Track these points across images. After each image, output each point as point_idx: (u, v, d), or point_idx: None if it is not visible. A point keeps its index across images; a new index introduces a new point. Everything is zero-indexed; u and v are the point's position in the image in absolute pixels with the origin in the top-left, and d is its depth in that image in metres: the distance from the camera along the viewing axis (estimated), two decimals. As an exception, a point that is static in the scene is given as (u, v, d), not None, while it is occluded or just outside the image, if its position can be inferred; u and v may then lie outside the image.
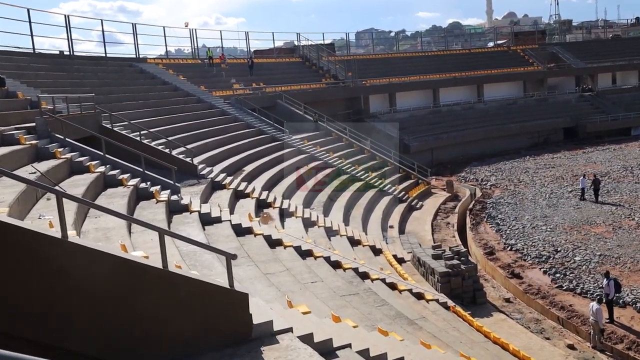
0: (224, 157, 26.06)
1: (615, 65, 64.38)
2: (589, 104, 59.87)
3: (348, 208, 26.92)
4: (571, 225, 26.84)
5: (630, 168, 39.13)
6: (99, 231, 10.34)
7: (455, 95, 55.94)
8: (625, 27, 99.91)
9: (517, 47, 66.53)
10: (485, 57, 63.67)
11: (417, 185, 35.99)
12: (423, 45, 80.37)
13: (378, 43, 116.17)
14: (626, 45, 71.86)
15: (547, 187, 35.47)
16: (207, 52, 44.03)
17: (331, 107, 44.06)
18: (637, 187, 33.59)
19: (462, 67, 58.99)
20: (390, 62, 59.60)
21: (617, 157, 44.42)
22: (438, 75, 56.56)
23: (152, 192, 15.15)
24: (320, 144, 35.03)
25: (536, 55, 63.72)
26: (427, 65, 58.59)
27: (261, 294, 10.21)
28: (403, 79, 54.46)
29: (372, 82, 52.01)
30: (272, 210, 20.55)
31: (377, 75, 53.90)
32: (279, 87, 42.86)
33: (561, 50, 66.53)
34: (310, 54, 52.58)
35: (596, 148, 49.35)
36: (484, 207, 31.78)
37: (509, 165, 44.09)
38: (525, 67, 62.07)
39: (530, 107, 57.89)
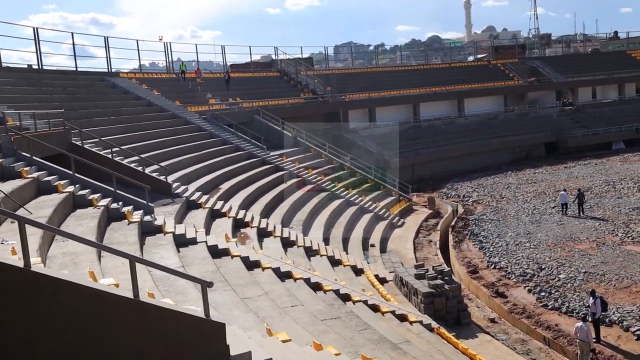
0: (199, 174, 25.73)
1: (596, 79, 65.58)
2: (569, 118, 60.75)
3: (328, 226, 26.74)
4: (555, 242, 26.98)
5: (612, 183, 39.61)
6: (67, 256, 10.02)
7: (436, 110, 56.37)
8: (604, 41, 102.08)
9: (497, 61, 67.46)
10: (466, 72, 64.40)
11: (398, 202, 35.94)
12: (402, 59, 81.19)
13: (357, 57, 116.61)
14: (605, 59, 73.23)
15: (529, 202, 35.71)
16: (180, 66, 43.51)
17: (310, 123, 43.95)
18: (620, 202, 33.97)
19: (442, 82, 59.59)
20: (369, 76, 59.85)
21: (598, 171, 45.00)
22: (418, 89, 57.01)
23: (124, 213, 14.83)
24: (299, 161, 34.90)
25: (516, 69, 64.61)
26: (407, 80, 59.02)
27: (239, 320, 9.96)
28: (383, 93, 54.75)
29: (352, 97, 52.21)
30: (250, 230, 20.31)
31: (356, 89, 54.13)
32: (257, 102, 42.71)
33: (541, 65, 67.53)
34: (288, 68, 52.60)
35: (578, 163, 49.99)
36: (467, 224, 31.84)
37: (491, 181, 44.39)
38: (505, 82, 62.85)
39: (511, 121, 58.53)
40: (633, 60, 72.34)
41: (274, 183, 29.58)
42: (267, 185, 28.74)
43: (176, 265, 11.95)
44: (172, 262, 12.13)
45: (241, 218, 21.20)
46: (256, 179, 28.87)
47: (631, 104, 64.46)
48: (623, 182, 39.47)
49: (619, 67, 68.60)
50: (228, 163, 29.38)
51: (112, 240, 12.71)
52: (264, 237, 20.31)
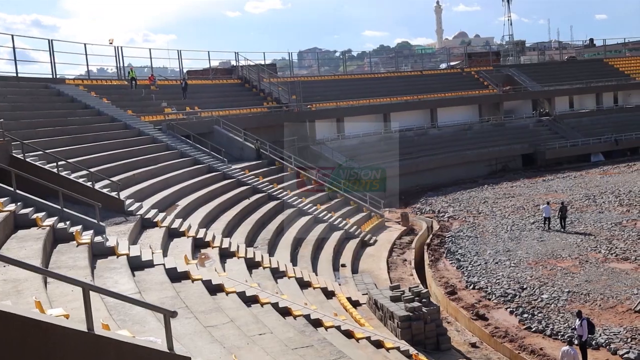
0: (154, 190, 25.31)
1: (573, 88, 67.24)
2: (547, 128, 61.93)
3: (295, 245, 26.57)
4: (536, 260, 27.21)
5: (593, 197, 40.33)
6: (8, 283, 9.56)
7: (408, 120, 56.76)
8: (580, 49, 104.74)
9: (471, 68, 68.52)
10: (438, 80, 65.28)
11: (369, 218, 35.94)
12: (371, 67, 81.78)
13: (322, 64, 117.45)
14: (582, 67, 75.12)
15: (508, 218, 36.06)
16: (129, 73, 42.62)
17: (274, 134, 43.80)
18: (601, 217, 34.54)
19: (413, 90, 60.23)
20: (337, 84, 60.23)
21: (578, 185, 45.82)
22: (389, 98, 57.47)
23: (72, 234, 14.36)
24: (263, 174, 34.67)
25: (491, 77, 65.72)
26: (376, 88, 59.45)
27: (203, 352, 9.63)
28: (351, 102, 55.00)
29: (319, 107, 52.29)
30: (211, 251, 19.94)
31: (323, 98, 54.30)
32: (216, 112, 42.36)
33: (516, 73, 68.85)
34: (250, 75, 52.42)
35: (556, 176, 50.88)
36: (443, 242, 31.94)
37: (467, 195, 44.79)
38: (480, 90, 63.85)
39: (487, 132, 59.43)
40: (610, 69, 74.37)
41: (236, 199, 29.32)
42: (229, 201, 28.46)
43: (132, 292, 11.57)
44: (128, 288, 11.74)
45: (201, 237, 20.83)
46: (217, 195, 28.57)
47: (609, 114, 66.34)
48: (604, 196, 40.20)
49: (596, 75, 70.43)
50: (186, 177, 29.01)
51: (59, 264, 12.25)
52: (226, 257, 19.97)
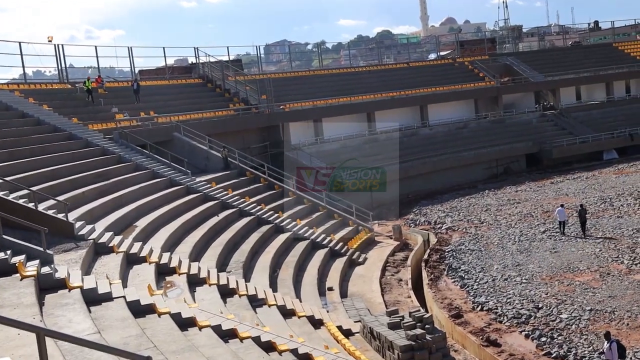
0: (108, 210, 25.00)
1: (579, 77, 67.87)
2: (552, 124, 62.44)
3: (274, 268, 26.45)
4: (550, 274, 27.20)
5: (609, 199, 40.60)
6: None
7: (395, 118, 56.72)
8: (585, 33, 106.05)
9: (464, 58, 68.96)
10: (427, 72, 65.55)
11: (357, 233, 35.81)
12: (350, 60, 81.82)
13: (294, 58, 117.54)
14: (589, 53, 76.05)
15: (515, 227, 36.11)
16: (86, 84, 41.37)
17: (243, 140, 43.63)
18: (621, 222, 34.73)
19: (399, 85, 60.38)
20: (312, 81, 60.18)
21: (591, 186, 46.14)
22: (372, 95, 57.53)
23: (14, 265, 13.90)
24: (232, 187, 34.47)
25: (487, 68, 66.13)
26: (357, 84, 59.56)
27: (179, 401, 9.25)
28: (330, 101, 54.93)
29: (292, 107, 52.18)
30: (178, 278, 19.56)
31: (297, 97, 54.22)
32: (176, 117, 42.08)
33: (515, 62, 69.44)
34: (212, 73, 52.15)
35: (565, 177, 51.22)
36: (442, 257, 31.85)
37: (466, 203, 44.84)
38: (475, 83, 64.22)
39: (485, 130, 59.74)
40: (620, 54, 75.39)
41: (203, 216, 29.14)
42: (195, 219, 28.25)
43: (89, 331, 11.16)
44: (84, 328, 11.33)
45: (165, 263, 20.43)
46: (181, 212, 28.35)
47: (621, 106, 67.13)
48: (621, 199, 40.49)
49: (605, 62, 71.39)
50: (144, 194, 28.74)
51: (1, 302, 11.80)
52: (196, 285, 19.59)
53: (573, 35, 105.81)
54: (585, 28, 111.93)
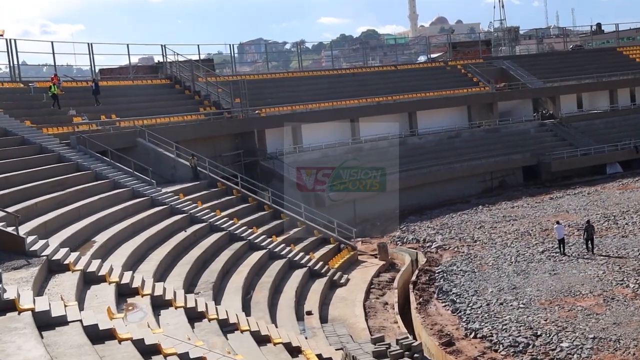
0: (63, 223, 24.73)
1: (581, 84, 68.60)
2: (551, 134, 62.96)
3: (247, 289, 26.34)
4: (550, 299, 27.30)
5: (613, 217, 40.90)
6: None
7: (381, 126, 56.83)
8: (586, 36, 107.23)
9: (456, 62, 69.41)
10: (417, 76, 66.07)
11: (338, 251, 35.80)
12: (332, 61, 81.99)
13: (270, 58, 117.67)
14: (591, 58, 77.09)
15: (511, 247, 36.25)
16: (51, 88, 40.50)
17: (214, 147, 43.50)
18: (626, 242, 34.97)
19: (386, 89, 60.77)
20: (290, 83, 60.35)
21: (593, 203, 46.48)
22: (356, 100, 57.82)
23: (-43, 284, 13.63)
24: (202, 199, 34.32)
25: (482, 72, 66.64)
26: (340, 88, 59.88)
27: None
28: (310, 106, 55.00)
29: (269, 112, 52.23)
30: (141, 300, 19.33)
31: (274, 101, 54.31)
32: (140, 121, 41.87)
33: (512, 66, 70.13)
34: (181, 73, 52.01)
35: (565, 192, 51.55)
36: (432, 279, 31.88)
37: (458, 219, 44.99)
38: (468, 88, 64.74)
39: (479, 140, 60.08)
40: (625, 60, 76.38)
41: (169, 231, 29.01)
42: (161, 234, 28.11)
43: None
44: (35, 356, 11.15)
45: (127, 283, 20.18)
46: (144, 227, 28.20)
47: (626, 115, 67.90)
48: (626, 216, 40.81)
49: (609, 68, 72.37)
50: (104, 205, 28.53)
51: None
52: (161, 308, 19.39)
53: (574, 39, 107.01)
54: (587, 31, 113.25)
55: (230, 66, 66.81)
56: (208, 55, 72.87)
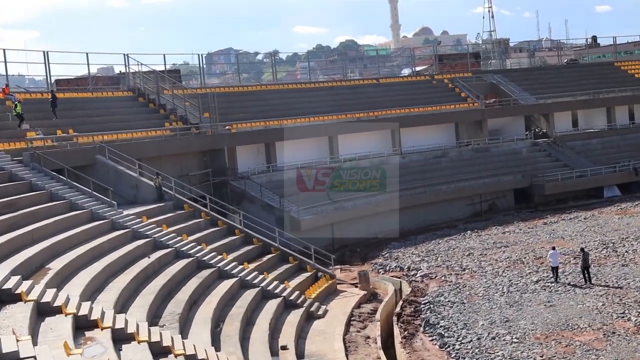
0: (14, 248, 24.55)
1: (576, 101, 69.23)
2: (545, 154, 63.53)
3: (217, 321, 26.14)
4: (546, 333, 27.35)
5: (612, 244, 41.17)
6: None
7: (362, 144, 57.03)
8: (581, 49, 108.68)
9: (443, 75, 69.87)
10: (401, 90, 66.45)
11: (316, 280, 35.66)
12: (309, 73, 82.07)
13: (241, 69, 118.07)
14: (587, 73, 78.03)
15: (502, 276, 36.34)
16: (17, 107, 39.65)
17: (181, 165, 43.36)
18: (626, 271, 35.19)
19: (367, 105, 61.15)
20: (263, 97, 60.38)
21: (590, 229, 46.83)
22: (335, 116, 57.88)
23: None
24: (167, 222, 34.12)
25: (470, 87, 67.10)
26: (317, 102, 60.19)
27: None
28: (284, 122, 54.97)
29: (240, 128, 52.24)
30: (101, 333, 19.08)
31: (246, 117, 54.33)
32: (100, 136, 41.66)
33: (503, 80, 70.78)
34: (145, 85, 51.82)
35: (560, 217, 51.93)
36: (418, 310, 31.82)
37: (445, 245, 45.10)
38: (456, 104, 65.20)
39: (467, 160, 60.46)
40: (623, 75, 77.38)
41: (131, 257, 28.81)
42: (122, 261, 27.92)
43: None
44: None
45: (85, 314, 19.92)
46: (104, 252, 28.03)
47: (624, 135, 68.77)
48: (626, 244, 41.10)
49: (606, 84, 73.21)
50: (60, 229, 28.36)
51: None
52: (122, 342, 19.14)
53: (568, 52, 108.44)
54: (582, 44, 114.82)
55: (198, 78, 66.73)
56: (174, 65, 72.58)
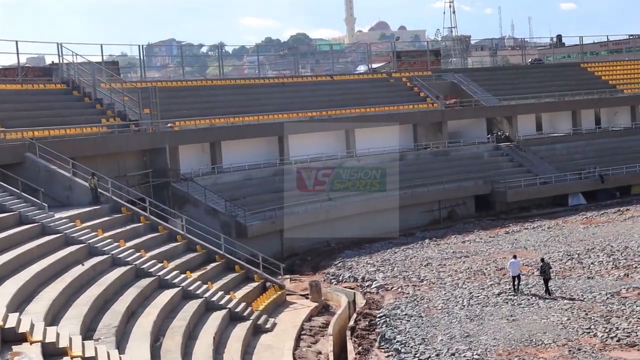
0: None
1: (541, 103, 70.36)
2: (507, 159, 64.23)
3: (157, 334, 25.84)
4: (508, 349, 27.48)
5: (577, 255, 41.64)
6: None
7: (314, 145, 57.06)
8: (545, 49, 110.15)
9: (401, 73, 70.22)
10: (356, 88, 66.92)
11: (264, 290, 35.50)
12: (258, 68, 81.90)
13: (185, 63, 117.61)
14: (552, 74, 79.30)
15: (462, 287, 36.50)
16: None
17: (119, 165, 43.06)
18: (592, 284, 35.56)
19: (320, 103, 61.34)
20: (208, 93, 60.22)
21: (555, 238, 47.42)
22: (285, 114, 57.77)
23: None
24: (103, 227, 33.77)
25: (430, 86, 67.55)
26: (266, 100, 60.26)
27: None
28: (232, 119, 54.85)
29: (183, 125, 52.00)
30: (29, 348, 18.75)
31: (190, 113, 54.07)
32: (29, 132, 41.17)
33: (464, 80, 71.49)
34: (80, 77, 51.22)
35: (523, 226, 52.52)
36: (373, 324, 31.76)
37: (401, 255, 45.26)
38: (415, 104, 65.73)
39: (425, 164, 61.03)
40: (589, 77, 78.68)
41: (63, 264, 28.43)
42: (53, 268, 27.53)
43: None
44: None
45: (12, 327, 19.58)
46: (33, 259, 27.66)
47: (590, 140, 70.03)
48: (592, 255, 41.62)
49: (572, 86, 74.41)
50: (-16, 233, 27.76)
51: None
52: (54, 357, 18.87)
53: (532, 51, 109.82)
54: (547, 43, 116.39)
55: (137, 70, 66.12)
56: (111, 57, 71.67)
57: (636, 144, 70.03)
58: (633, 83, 79.07)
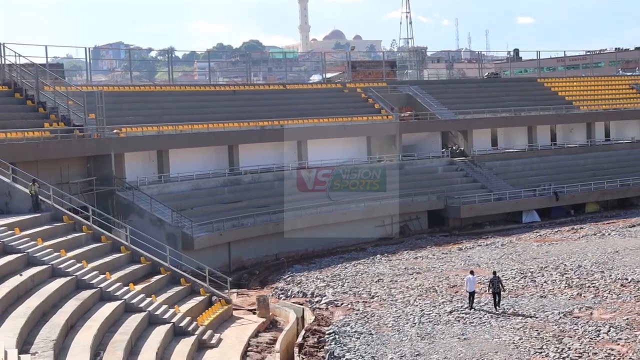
0: None
1: (497, 118, 71.11)
2: (462, 174, 64.85)
3: (97, 349, 25.57)
4: (459, 369, 27.67)
5: (530, 274, 42.07)
6: None
7: (264, 155, 57.19)
8: (502, 63, 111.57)
9: (356, 84, 70.50)
10: (309, 98, 67.22)
11: (210, 305, 35.23)
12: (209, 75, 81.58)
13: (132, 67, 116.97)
14: (508, 88, 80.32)
15: (414, 305, 36.66)
16: None
17: (61, 172, 42.73)
18: (544, 303, 35.93)
19: (272, 112, 61.42)
20: (157, 99, 60.03)
21: (508, 256, 47.87)
22: (236, 123, 57.80)
23: None
24: (43, 236, 33.25)
25: (385, 97, 67.95)
26: (217, 108, 60.37)
27: None
28: (180, 127, 54.61)
29: (130, 132, 51.71)
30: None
31: (137, 120, 53.83)
32: (-33, 135, 40.42)
33: (420, 92, 71.94)
34: (23, 79, 50.59)
35: (477, 242, 53.04)
36: (322, 341, 31.70)
37: (352, 270, 45.38)
38: (369, 116, 66.02)
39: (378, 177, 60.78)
40: (546, 92, 79.86)
41: (0, 274, 27.89)
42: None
43: None
44: None
45: (-55, 339, 19.26)
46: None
47: (545, 156, 71.11)
48: (545, 273, 42.07)
49: (528, 101, 75.49)
50: None
51: None
52: (-13, 372, 18.55)
53: (489, 65, 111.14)
54: (504, 57, 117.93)
55: (83, 74, 65.50)
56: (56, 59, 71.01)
57: (591, 161, 71.56)
58: (589, 100, 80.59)
